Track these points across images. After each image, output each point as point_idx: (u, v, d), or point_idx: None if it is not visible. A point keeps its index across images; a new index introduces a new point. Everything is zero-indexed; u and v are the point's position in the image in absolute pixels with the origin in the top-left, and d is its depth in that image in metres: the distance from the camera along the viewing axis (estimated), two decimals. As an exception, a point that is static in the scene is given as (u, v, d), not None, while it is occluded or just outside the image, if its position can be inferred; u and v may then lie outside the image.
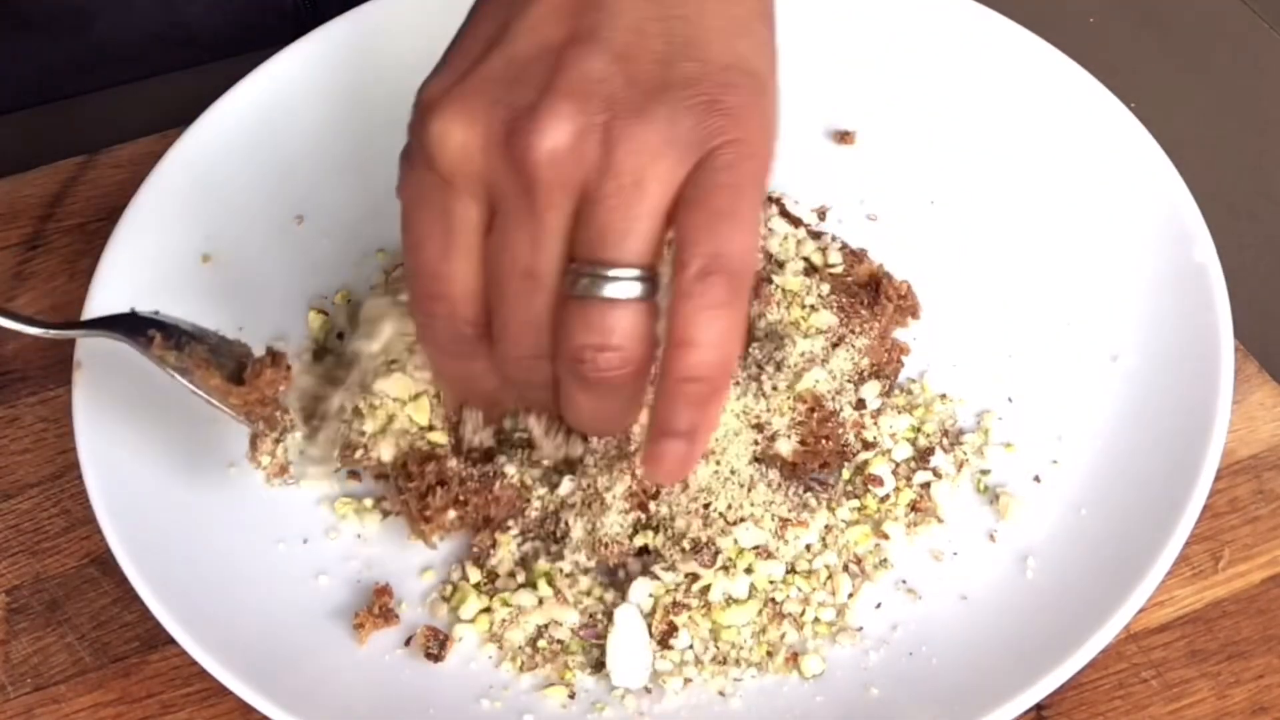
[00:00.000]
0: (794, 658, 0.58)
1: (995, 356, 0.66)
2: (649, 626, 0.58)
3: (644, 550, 0.59)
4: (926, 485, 0.62)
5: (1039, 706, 0.58)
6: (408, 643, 0.59)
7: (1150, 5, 0.76)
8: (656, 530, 0.59)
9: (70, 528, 0.64)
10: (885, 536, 0.61)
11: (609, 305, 0.49)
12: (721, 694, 0.57)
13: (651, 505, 0.59)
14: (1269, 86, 0.78)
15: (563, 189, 0.49)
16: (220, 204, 0.70)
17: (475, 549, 0.60)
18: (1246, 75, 0.78)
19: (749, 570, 0.58)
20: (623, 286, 0.49)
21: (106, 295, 0.65)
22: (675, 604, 0.58)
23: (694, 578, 0.58)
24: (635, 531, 0.59)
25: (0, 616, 0.62)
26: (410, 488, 0.59)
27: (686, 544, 0.58)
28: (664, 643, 0.57)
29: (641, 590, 0.58)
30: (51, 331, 0.61)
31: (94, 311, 0.65)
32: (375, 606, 0.59)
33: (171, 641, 0.60)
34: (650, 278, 0.49)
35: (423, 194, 0.51)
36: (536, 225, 0.49)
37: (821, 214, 0.71)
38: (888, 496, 0.61)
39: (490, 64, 0.50)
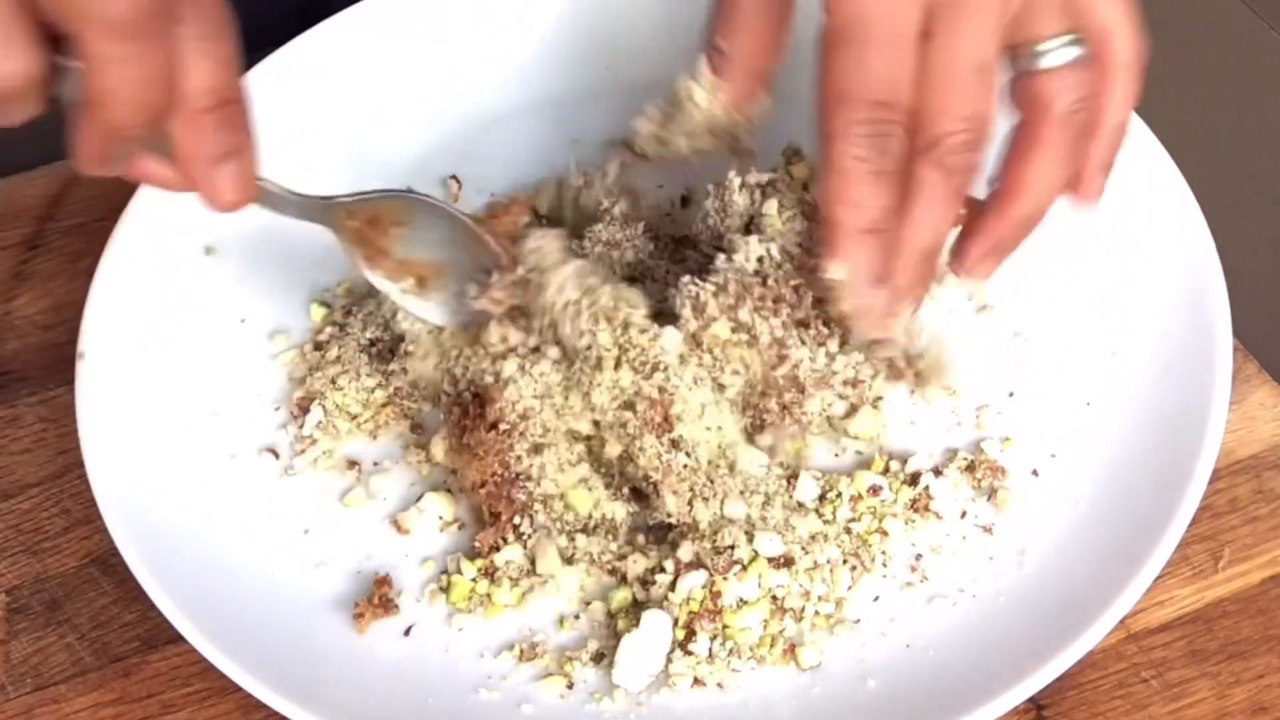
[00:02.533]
0: (791, 650, 0.58)
1: (995, 351, 0.66)
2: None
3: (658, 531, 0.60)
4: (925, 485, 0.62)
5: (1039, 706, 0.58)
6: (407, 632, 0.59)
7: (1150, 5, 0.77)
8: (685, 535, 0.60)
9: (70, 528, 0.64)
10: (885, 533, 0.61)
11: (1077, 65, 0.57)
12: (720, 686, 0.57)
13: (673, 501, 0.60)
14: (1269, 86, 0.78)
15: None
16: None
17: (476, 544, 0.60)
18: (1246, 75, 0.78)
19: (759, 573, 0.59)
20: (1070, 51, 0.57)
21: (107, 295, 0.65)
22: (702, 610, 0.58)
23: (711, 582, 0.58)
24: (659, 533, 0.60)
25: (0, 616, 0.62)
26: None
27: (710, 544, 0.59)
28: (684, 647, 0.58)
29: (685, 587, 0.58)
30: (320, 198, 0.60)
31: (95, 310, 0.65)
32: (375, 596, 0.59)
33: (172, 641, 0.60)
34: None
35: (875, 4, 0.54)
36: (991, 19, 0.54)
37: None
38: (884, 496, 0.62)
39: None
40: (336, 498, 0.63)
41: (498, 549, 0.60)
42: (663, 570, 0.59)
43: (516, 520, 0.60)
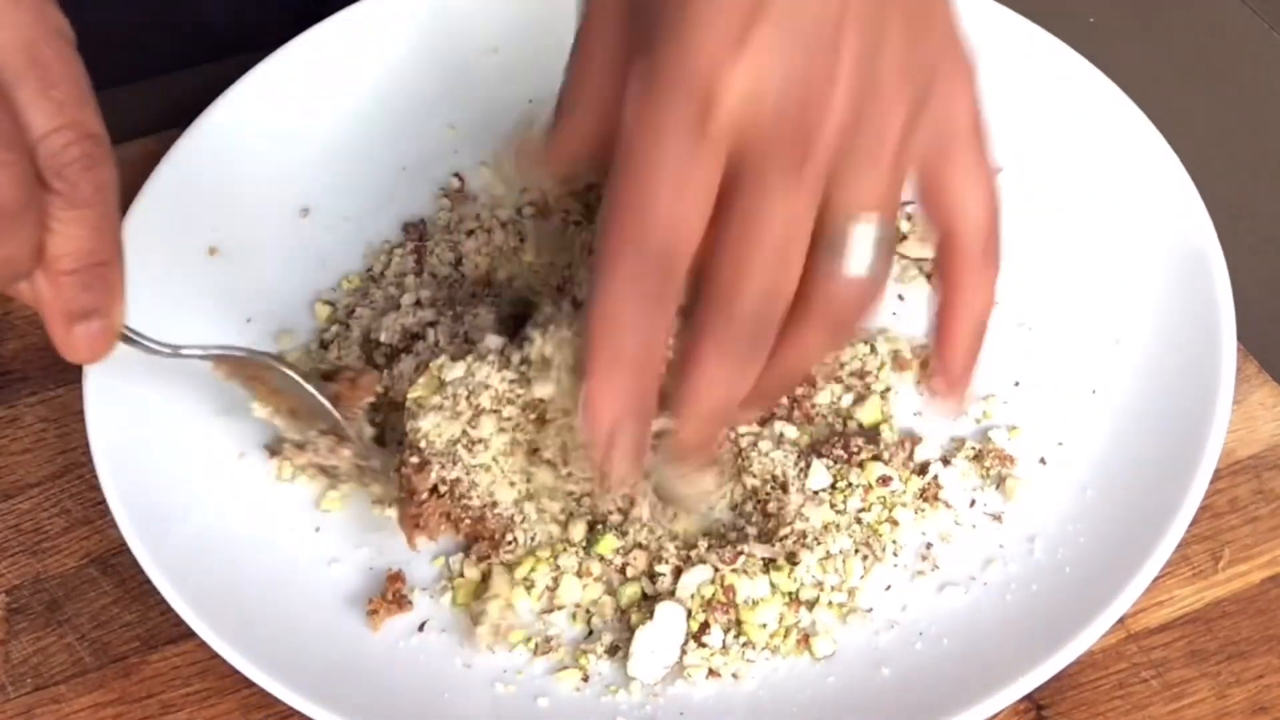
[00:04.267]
0: (805, 639, 0.58)
1: (1002, 341, 0.66)
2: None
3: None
4: (933, 474, 0.62)
5: (1039, 706, 0.58)
6: (421, 628, 0.59)
7: (1150, 5, 0.77)
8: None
9: (70, 528, 0.64)
10: (895, 523, 0.61)
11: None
12: (735, 676, 0.57)
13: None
14: (1269, 86, 0.78)
15: (833, 158, 0.48)
16: (227, 196, 0.70)
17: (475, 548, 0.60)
18: (1246, 75, 0.78)
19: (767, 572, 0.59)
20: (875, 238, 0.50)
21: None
22: (714, 602, 0.58)
23: (720, 576, 0.59)
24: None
25: (0, 616, 0.62)
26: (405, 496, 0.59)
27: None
28: (698, 638, 0.58)
29: (693, 581, 0.58)
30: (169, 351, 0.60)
31: None
32: (388, 593, 0.59)
33: (172, 641, 0.60)
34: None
35: (669, 131, 0.48)
36: (805, 195, 0.48)
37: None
38: (895, 485, 0.62)
39: (772, 27, 0.47)
40: (348, 496, 0.63)
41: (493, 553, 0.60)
42: (661, 560, 0.59)
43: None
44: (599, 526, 0.60)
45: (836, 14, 0.48)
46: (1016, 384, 0.65)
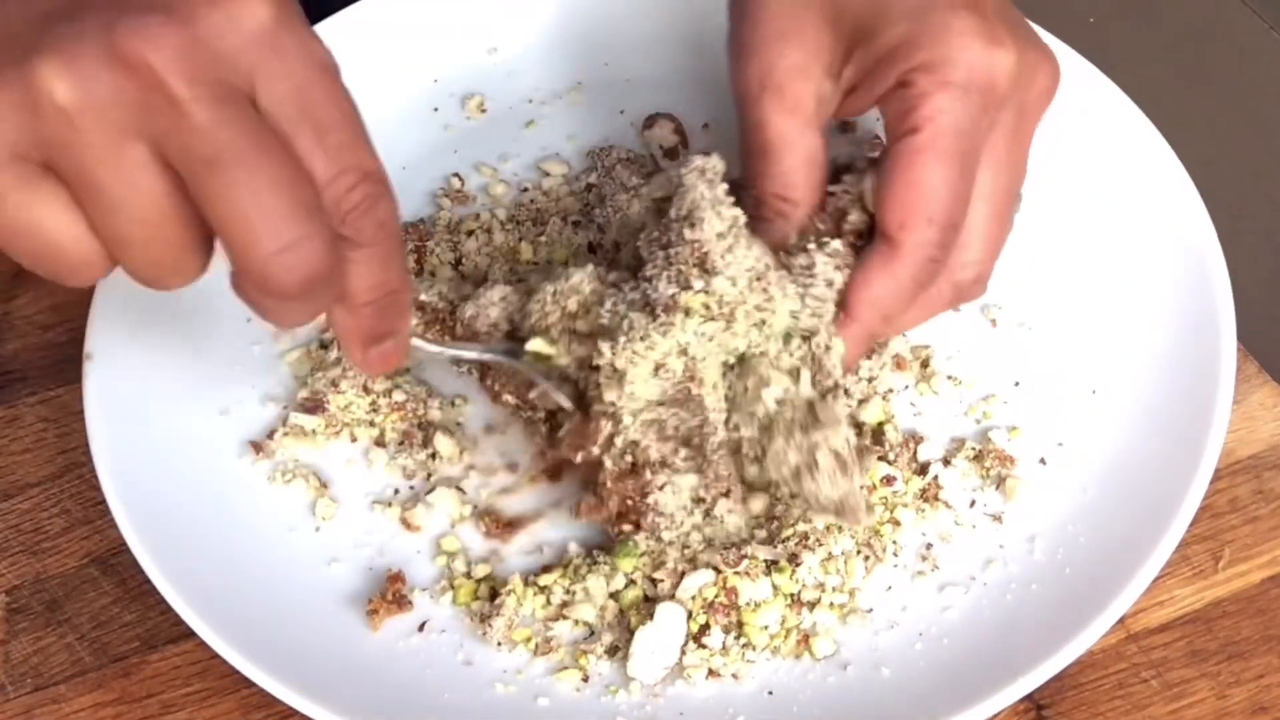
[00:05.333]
0: (805, 640, 0.58)
1: (1002, 342, 0.66)
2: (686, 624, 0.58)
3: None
4: (934, 475, 0.62)
5: (1039, 706, 0.58)
6: (421, 628, 0.59)
7: (1150, 5, 0.77)
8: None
9: (70, 528, 0.64)
10: (897, 523, 0.61)
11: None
12: (735, 677, 0.57)
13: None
14: (1269, 86, 0.78)
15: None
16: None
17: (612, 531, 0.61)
18: (1246, 75, 0.78)
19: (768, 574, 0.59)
20: None
21: (112, 295, 0.65)
22: (715, 604, 0.58)
23: (724, 578, 0.59)
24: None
25: (0, 616, 0.62)
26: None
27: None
28: (698, 639, 0.58)
29: (694, 583, 0.58)
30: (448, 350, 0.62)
31: (101, 311, 0.65)
32: (388, 593, 0.60)
33: (172, 641, 0.60)
34: None
35: (975, 120, 0.58)
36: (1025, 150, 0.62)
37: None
38: (898, 486, 0.62)
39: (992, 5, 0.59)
40: (348, 497, 0.63)
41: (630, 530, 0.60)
42: (663, 565, 0.59)
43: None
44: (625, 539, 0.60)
45: None
46: (1016, 384, 0.65)
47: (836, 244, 0.60)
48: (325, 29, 0.74)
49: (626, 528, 0.59)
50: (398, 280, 0.51)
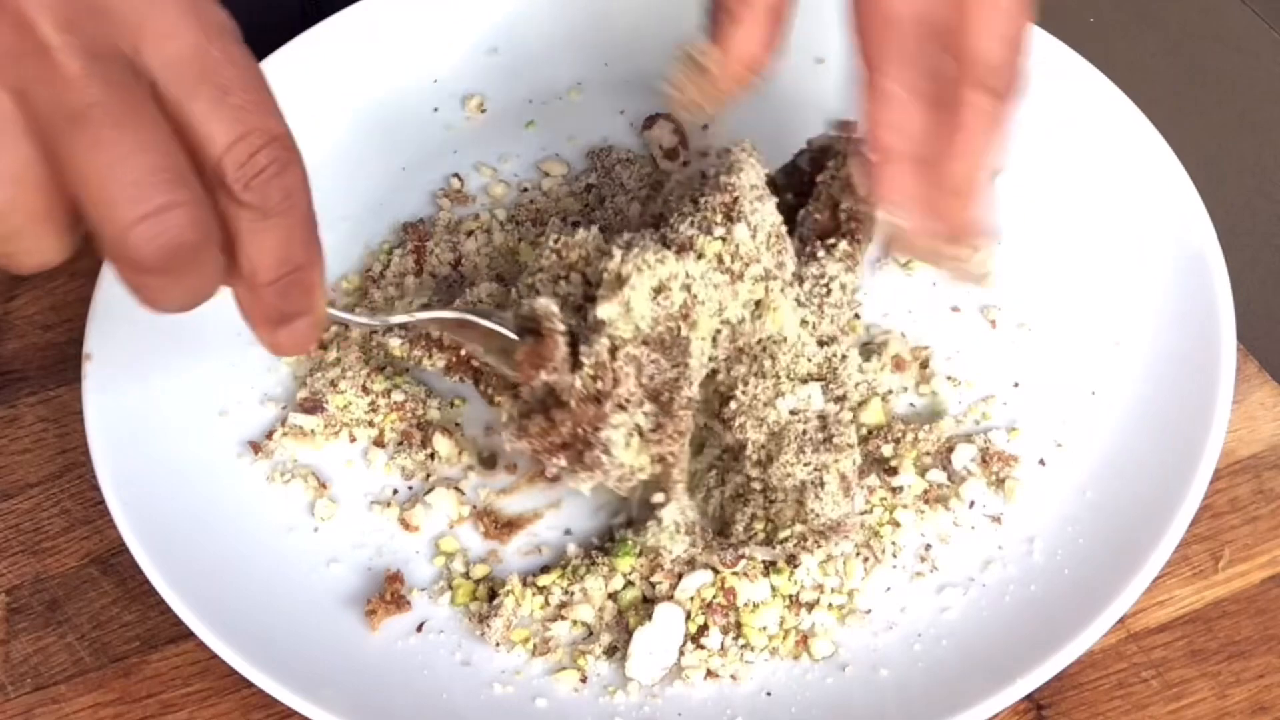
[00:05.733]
0: (804, 641, 0.58)
1: (1002, 342, 0.66)
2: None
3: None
4: (936, 480, 0.62)
5: (1039, 706, 0.58)
6: (420, 628, 0.59)
7: (1150, 5, 0.77)
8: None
9: (70, 528, 0.64)
10: (897, 524, 0.61)
11: None
12: (733, 678, 0.57)
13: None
14: (1269, 86, 0.78)
15: None
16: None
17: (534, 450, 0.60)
18: (1246, 75, 0.78)
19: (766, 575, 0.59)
20: None
21: (111, 295, 0.65)
22: (713, 604, 0.58)
23: (721, 578, 0.59)
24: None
25: (0, 616, 0.62)
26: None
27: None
28: (696, 640, 0.58)
29: (693, 584, 0.58)
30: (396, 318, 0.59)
31: (100, 311, 0.65)
32: (387, 593, 0.59)
33: (172, 641, 0.60)
34: None
35: None
36: None
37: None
38: (900, 487, 0.62)
39: None
40: (347, 497, 0.63)
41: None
42: (660, 567, 0.59)
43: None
44: (622, 532, 0.60)
45: None
46: (1016, 385, 0.65)
47: (844, 245, 0.60)
48: (324, 30, 0.74)
49: (561, 461, 0.58)
50: (305, 254, 0.48)
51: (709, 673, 0.57)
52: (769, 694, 0.57)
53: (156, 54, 0.43)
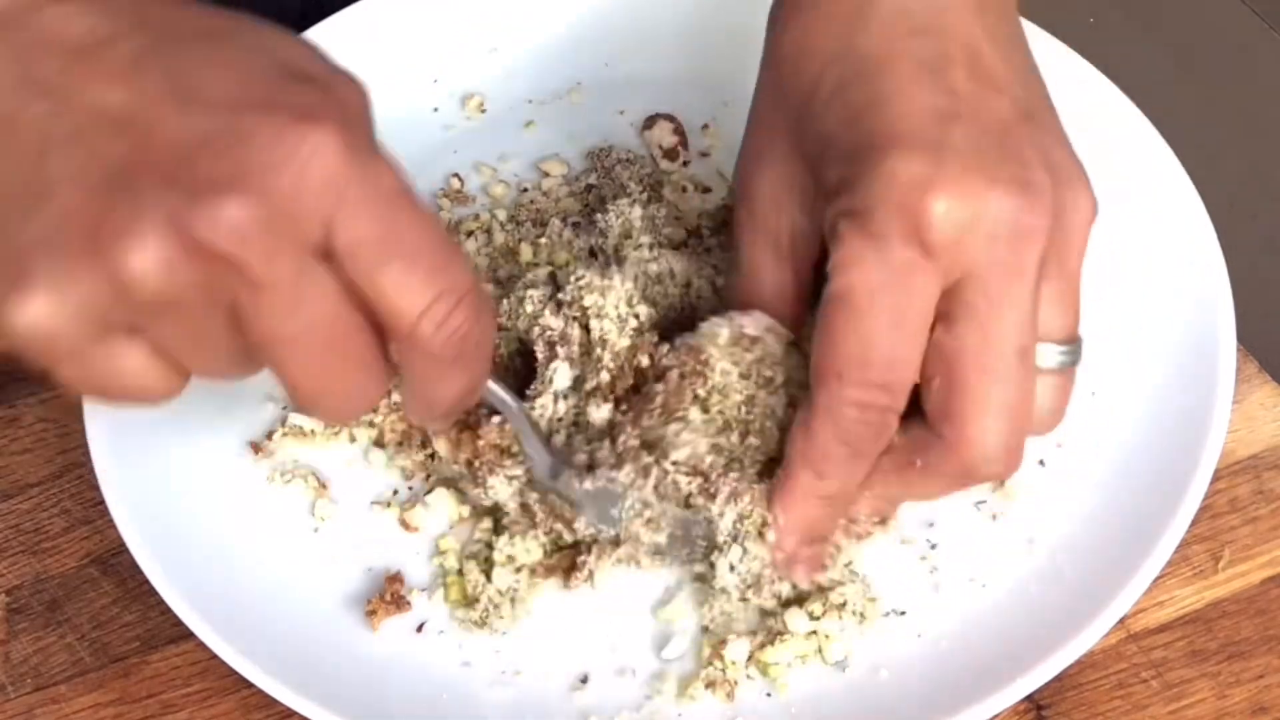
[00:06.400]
0: (818, 651, 0.58)
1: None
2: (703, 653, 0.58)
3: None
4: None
5: (1039, 706, 0.58)
6: (420, 629, 0.59)
7: (1150, 5, 0.77)
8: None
9: (70, 528, 0.64)
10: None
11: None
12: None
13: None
14: (1269, 86, 0.78)
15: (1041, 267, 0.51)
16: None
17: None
18: (1246, 75, 0.78)
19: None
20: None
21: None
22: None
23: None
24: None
25: (0, 616, 0.62)
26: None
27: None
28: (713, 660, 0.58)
29: (730, 654, 0.58)
30: None
31: None
32: (387, 594, 0.59)
33: (172, 641, 0.60)
34: None
35: (895, 274, 0.50)
36: (1030, 301, 0.51)
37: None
38: None
39: (962, 141, 0.50)
40: (347, 498, 0.63)
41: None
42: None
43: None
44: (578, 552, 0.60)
45: (1010, 113, 0.52)
46: None
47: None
48: (324, 29, 0.74)
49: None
50: (478, 382, 0.50)
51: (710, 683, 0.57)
52: (769, 694, 0.57)
53: (346, 233, 0.45)
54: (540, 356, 0.60)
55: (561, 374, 0.59)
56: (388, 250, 0.45)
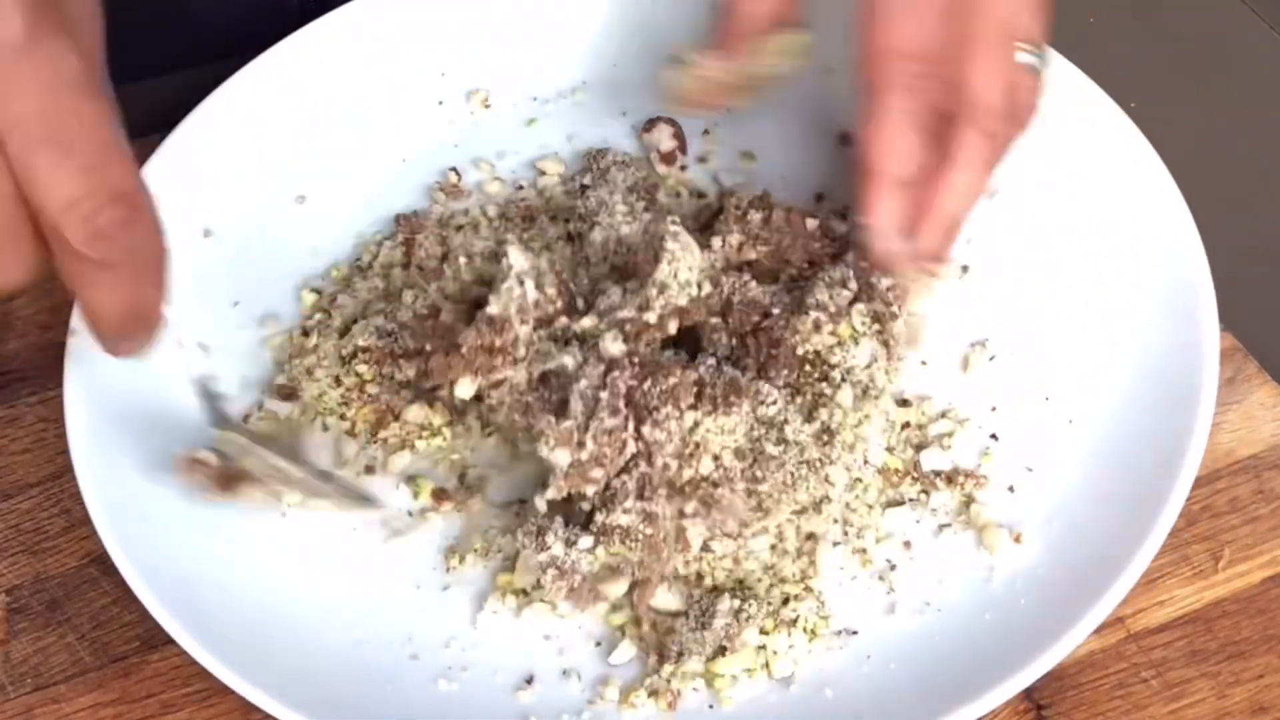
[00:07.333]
0: (765, 666, 0.58)
1: (986, 350, 0.66)
2: (645, 655, 0.58)
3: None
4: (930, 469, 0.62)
5: (1039, 706, 0.58)
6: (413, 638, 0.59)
7: (1150, 5, 0.77)
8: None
9: (70, 528, 0.64)
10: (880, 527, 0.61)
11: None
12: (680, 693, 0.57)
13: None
14: (1269, 86, 0.78)
15: None
16: (225, 179, 0.71)
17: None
18: (1246, 75, 0.78)
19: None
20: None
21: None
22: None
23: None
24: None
25: (0, 616, 0.62)
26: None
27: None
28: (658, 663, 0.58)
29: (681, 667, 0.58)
30: None
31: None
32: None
33: (171, 641, 0.60)
34: None
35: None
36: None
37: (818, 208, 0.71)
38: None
39: None
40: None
41: None
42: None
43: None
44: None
45: None
46: (994, 408, 0.64)
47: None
48: (327, 23, 0.74)
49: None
50: (148, 297, 0.49)
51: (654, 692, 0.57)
52: (710, 706, 0.57)
53: (4, 112, 0.44)
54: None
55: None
56: (44, 136, 0.45)
